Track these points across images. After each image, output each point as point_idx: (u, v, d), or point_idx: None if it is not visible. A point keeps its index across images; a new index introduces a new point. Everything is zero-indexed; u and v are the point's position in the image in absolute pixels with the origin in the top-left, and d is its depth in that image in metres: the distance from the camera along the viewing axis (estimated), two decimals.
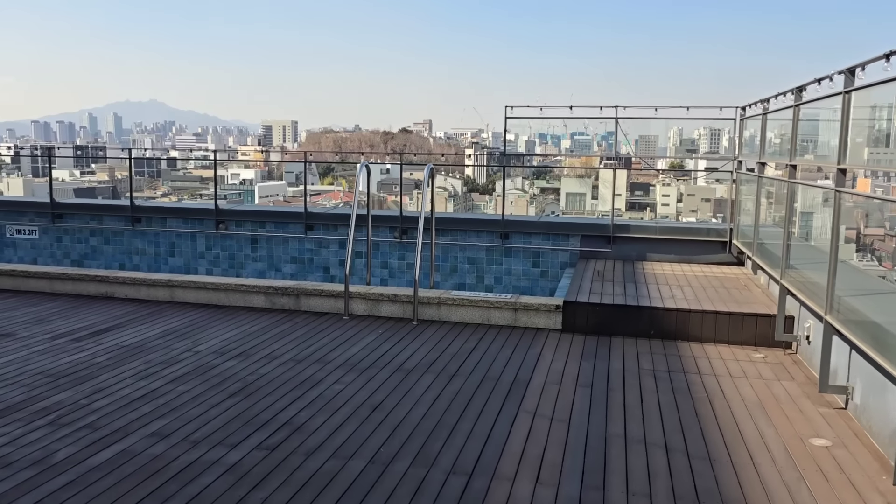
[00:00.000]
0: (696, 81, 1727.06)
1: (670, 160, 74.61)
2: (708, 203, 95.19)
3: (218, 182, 55.51)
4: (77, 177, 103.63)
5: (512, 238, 9.71)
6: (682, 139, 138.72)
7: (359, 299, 7.37)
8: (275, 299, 7.61)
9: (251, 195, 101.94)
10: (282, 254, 10.56)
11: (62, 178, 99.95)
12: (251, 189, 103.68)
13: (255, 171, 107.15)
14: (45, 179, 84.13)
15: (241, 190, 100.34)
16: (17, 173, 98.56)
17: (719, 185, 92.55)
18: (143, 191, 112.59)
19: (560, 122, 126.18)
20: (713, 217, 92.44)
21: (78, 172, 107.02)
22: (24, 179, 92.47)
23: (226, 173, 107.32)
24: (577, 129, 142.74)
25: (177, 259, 10.93)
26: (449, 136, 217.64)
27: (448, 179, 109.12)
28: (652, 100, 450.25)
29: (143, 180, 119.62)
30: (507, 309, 7.00)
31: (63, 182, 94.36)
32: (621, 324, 6.71)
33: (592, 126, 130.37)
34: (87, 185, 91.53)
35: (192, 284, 7.79)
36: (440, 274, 10.00)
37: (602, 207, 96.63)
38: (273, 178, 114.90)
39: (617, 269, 8.64)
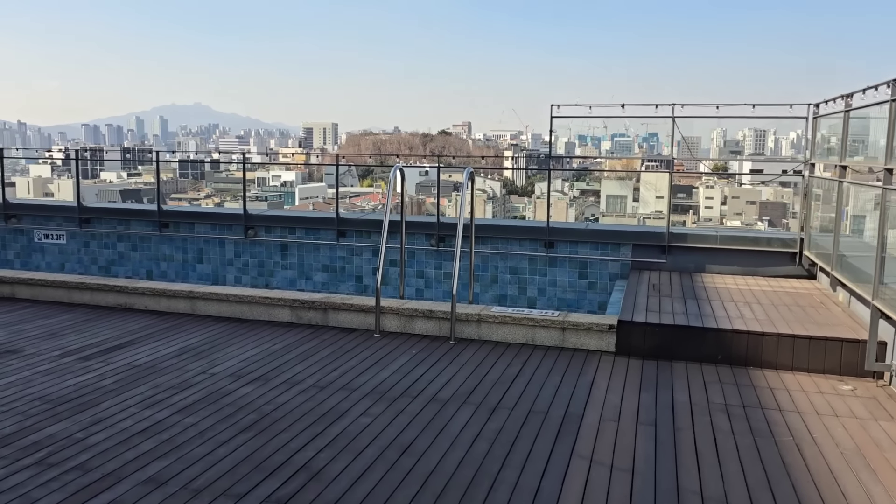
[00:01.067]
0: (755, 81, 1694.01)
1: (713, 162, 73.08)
2: (753, 206, 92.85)
3: (259, 184, 55.98)
4: (124, 178, 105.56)
5: (557, 247, 9.01)
6: (726, 140, 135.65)
7: (391, 315, 6.76)
8: (301, 313, 7.04)
9: (292, 197, 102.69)
10: (312, 262, 10.03)
11: (109, 180, 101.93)
12: (292, 191, 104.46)
13: (296, 172, 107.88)
14: (95, 181, 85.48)
15: (281, 192, 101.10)
16: (68, 175, 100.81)
17: (765, 187, 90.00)
18: (187, 192, 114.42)
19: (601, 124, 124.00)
20: (759, 220, 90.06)
21: (125, 174, 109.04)
22: (73, 181, 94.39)
23: (267, 175, 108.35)
24: (617, 130, 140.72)
25: (205, 266, 10.48)
26: (488, 138, 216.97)
27: (487, 181, 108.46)
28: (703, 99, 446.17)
29: (186, 182, 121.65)
30: (555, 328, 6.32)
31: (110, 184, 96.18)
32: (684, 347, 5.97)
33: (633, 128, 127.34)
34: (132, 187, 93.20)
35: (214, 296, 7.27)
36: (479, 285, 9.35)
37: (643, 210, 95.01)
38: (313, 180, 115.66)
39: (674, 283, 7.88)
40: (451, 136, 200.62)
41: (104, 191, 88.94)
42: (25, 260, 11.31)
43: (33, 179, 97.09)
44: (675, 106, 8.22)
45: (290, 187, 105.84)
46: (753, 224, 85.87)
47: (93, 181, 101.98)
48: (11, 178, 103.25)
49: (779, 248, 8.35)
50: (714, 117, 8.17)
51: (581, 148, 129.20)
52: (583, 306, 8.99)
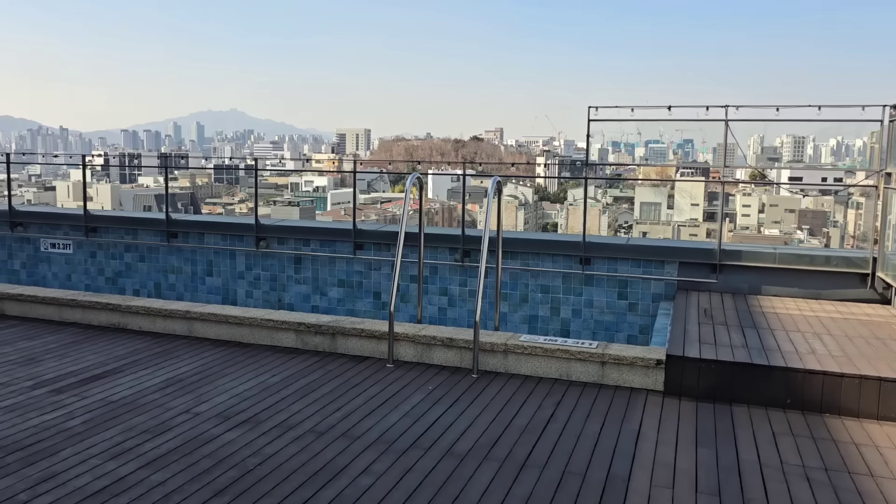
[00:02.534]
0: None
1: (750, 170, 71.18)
2: (792, 214, 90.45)
3: (292, 189, 55.83)
4: (160, 183, 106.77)
5: (594, 263, 8.16)
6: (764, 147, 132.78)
7: (406, 342, 5.99)
8: (307, 338, 6.30)
9: (324, 202, 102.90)
10: (328, 276, 9.31)
11: (146, 185, 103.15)
12: (324, 196, 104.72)
13: (329, 178, 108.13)
14: (132, 186, 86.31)
15: (313, 197, 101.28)
16: (106, 179, 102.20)
17: (805, 195, 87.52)
18: (222, 196, 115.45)
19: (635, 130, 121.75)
20: (798, 229, 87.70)
21: (162, 179, 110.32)
22: (111, 186, 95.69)
23: (300, 180, 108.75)
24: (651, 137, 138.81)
25: (214, 279, 9.83)
26: (520, 144, 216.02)
27: (518, 188, 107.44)
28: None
29: (221, 187, 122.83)
30: (592, 361, 5.48)
31: (147, 188, 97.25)
32: (746, 388, 5.09)
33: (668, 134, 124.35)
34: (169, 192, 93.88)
35: (213, 317, 6.58)
36: (508, 304, 8.53)
37: (678, 217, 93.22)
38: (346, 185, 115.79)
39: (727, 307, 6.98)
40: (482, 142, 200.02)
41: (140, 195, 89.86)
42: (32, 270, 10.79)
43: (73, 184, 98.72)
44: (728, 108, 7.33)
45: (322, 192, 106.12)
46: (793, 233, 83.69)
47: (130, 185, 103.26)
48: (52, 182, 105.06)
49: (847, 269, 7.40)
50: (773, 120, 7.27)
51: (615, 154, 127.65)
52: (622, 330, 8.13)
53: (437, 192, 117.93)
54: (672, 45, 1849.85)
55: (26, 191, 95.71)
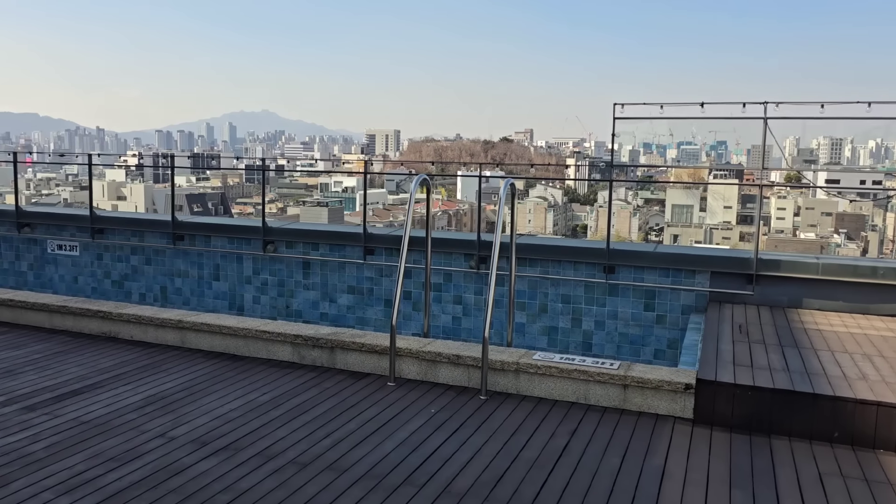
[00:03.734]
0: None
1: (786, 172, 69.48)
2: (829, 217, 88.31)
3: (322, 189, 55.71)
4: (193, 182, 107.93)
5: (619, 272, 7.60)
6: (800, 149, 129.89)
7: (409, 358, 5.50)
8: (304, 352, 5.85)
9: (352, 202, 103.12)
10: (337, 282, 8.86)
11: (179, 184, 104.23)
12: (353, 197, 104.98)
13: (357, 178, 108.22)
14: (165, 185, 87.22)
15: (342, 197, 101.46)
16: (140, 179, 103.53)
17: (841, 198, 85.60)
18: (252, 196, 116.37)
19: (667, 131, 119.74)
20: (835, 232, 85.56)
21: (194, 179, 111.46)
22: (145, 185, 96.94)
23: (329, 181, 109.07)
24: (684, 138, 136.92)
25: (221, 284, 9.45)
26: (550, 146, 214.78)
27: (548, 189, 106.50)
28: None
29: (252, 187, 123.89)
30: (613, 384, 4.94)
31: (179, 188, 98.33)
32: (786, 418, 4.51)
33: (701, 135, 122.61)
34: (199, 191, 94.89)
35: (206, 328, 6.15)
36: (526, 314, 8.00)
37: (710, 220, 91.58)
38: (374, 186, 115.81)
39: (765, 322, 6.38)
40: (512, 143, 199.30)
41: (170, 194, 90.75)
42: (38, 272, 10.52)
43: (108, 183, 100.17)
44: (767, 104, 6.73)
45: (351, 193, 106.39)
46: (829, 236, 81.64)
47: (163, 185, 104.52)
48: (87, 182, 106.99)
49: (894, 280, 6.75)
50: (817, 118, 6.65)
51: (646, 156, 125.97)
52: (649, 344, 7.55)
53: (465, 193, 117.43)
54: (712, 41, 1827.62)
55: (63, 189, 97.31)
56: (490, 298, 5.20)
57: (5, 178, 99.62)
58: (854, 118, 6.64)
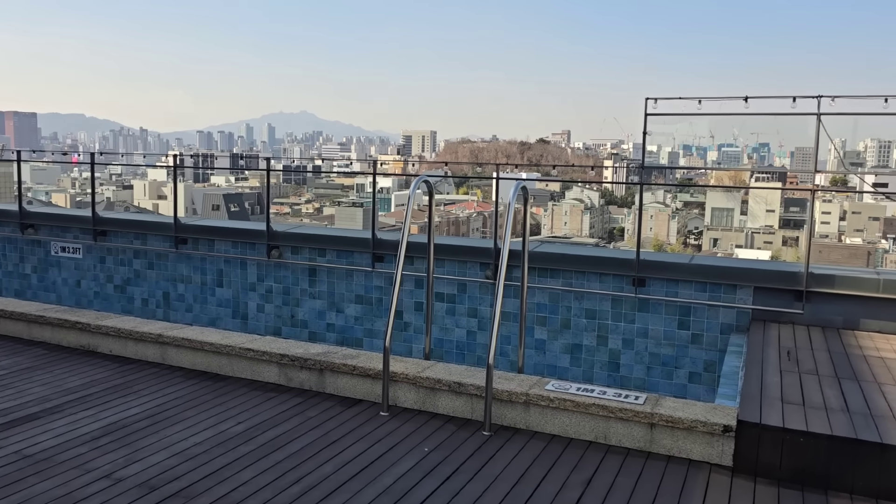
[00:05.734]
0: None
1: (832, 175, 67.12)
2: (876, 222, 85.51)
3: (358, 190, 55.15)
4: (232, 182, 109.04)
5: (650, 285, 6.85)
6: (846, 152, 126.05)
7: (406, 385, 4.84)
8: (291, 373, 5.23)
9: (388, 203, 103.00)
10: (344, 290, 8.25)
11: (218, 184, 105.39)
12: (388, 197, 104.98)
13: (393, 179, 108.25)
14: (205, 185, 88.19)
15: (379, 198, 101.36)
16: (181, 179, 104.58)
17: (890, 202, 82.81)
18: (289, 197, 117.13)
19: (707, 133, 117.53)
20: (882, 238, 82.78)
21: (233, 179, 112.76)
22: (184, 185, 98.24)
23: (365, 182, 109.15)
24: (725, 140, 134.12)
25: (225, 290, 8.92)
26: (587, 147, 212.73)
27: (585, 191, 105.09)
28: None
29: (289, 187, 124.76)
30: (638, 422, 4.22)
31: (218, 187, 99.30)
32: (847, 472, 3.75)
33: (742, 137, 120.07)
34: (236, 191, 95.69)
35: (188, 343, 5.58)
36: (546, 330, 7.29)
37: (752, 224, 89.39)
38: (409, 188, 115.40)
39: (817, 347, 5.58)
40: (549, 145, 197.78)
41: (209, 194, 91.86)
42: (42, 275, 10.13)
43: (149, 183, 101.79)
44: (821, 99, 5.93)
45: (386, 194, 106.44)
46: (877, 242, 78.95)
47: (203, 185, 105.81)
48: (130, 181, 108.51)
49: None
50: (878, 114, 5.82)
51: (685, 158, 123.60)
52: (683, 366, 6.78)
53: (502, 194, 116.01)
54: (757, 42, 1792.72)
55: (106, 189, 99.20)
56: (496, 317, 4.52)
57: (52, 177, 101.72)
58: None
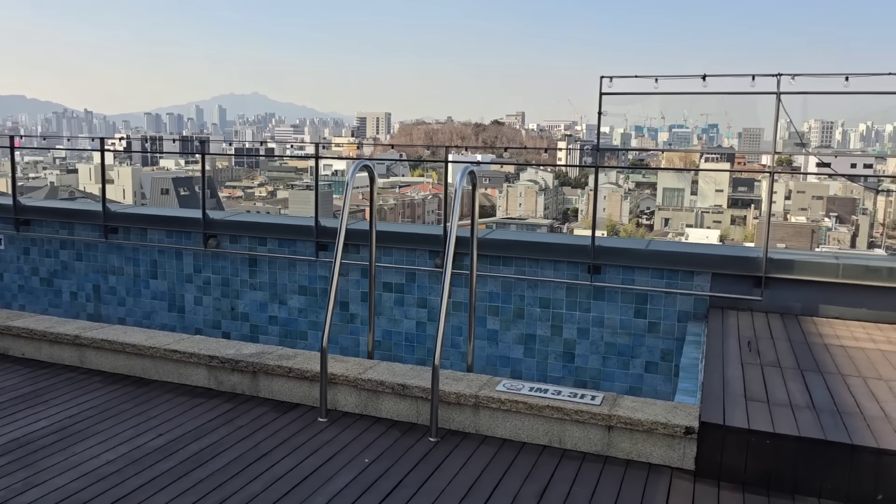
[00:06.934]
0: None
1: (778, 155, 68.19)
2: (820, 201, 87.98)
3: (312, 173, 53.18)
4: (182, 166, 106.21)
5: (605, 272, 6.58)
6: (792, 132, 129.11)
7: (346, 387, 4.47)
8: (222, 376, 4.81)
9: (342, 186, 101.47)
10: (287, 281, 7.81)
11: (168, 168, 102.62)
12: (343, 180, 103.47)
13: (348, 162, 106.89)
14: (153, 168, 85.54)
15: (332, 181, 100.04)
16: (128, 162, 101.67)
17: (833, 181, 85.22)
18: (241, 180, 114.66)
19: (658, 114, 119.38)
20: (825, 216, 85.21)
21: (183, 162, 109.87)
22: (132, 168, 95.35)
23: (319, 164, 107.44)
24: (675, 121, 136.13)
25: (159, 282, 8.38)
26: (542, 129, 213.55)
27: (539, 172, 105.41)
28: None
29: (241, 170, 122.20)
30: (595, 425, 3.93)
31: (167, 171, 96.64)
32: (815, 474, 3.51)
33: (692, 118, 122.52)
34: (186, 175, 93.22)
35: (108, 345, 5.10)
36: (499, 320, 6.98)
37: (701, 203, 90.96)
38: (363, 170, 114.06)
39: (777, 336, 5.38)
40: (503, 126, 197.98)
41: (157, 178, 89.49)
42: None
43: (94, 167, 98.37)
44: (780, 77, 5.69)
45: (340, 177, 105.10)
46: (820, 220, 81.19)
47: (152, 168, 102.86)
48: (75, 165, 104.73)
49: None
50: (839, 93, 5.61)
51: (637, 139, 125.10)
52: (639, 355, 6.55)
53: (455, 176, 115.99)
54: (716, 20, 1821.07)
55: (50, 173, 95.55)
56: (442, 313, 4.16)
57: None
58: (884, 93, 5.60)
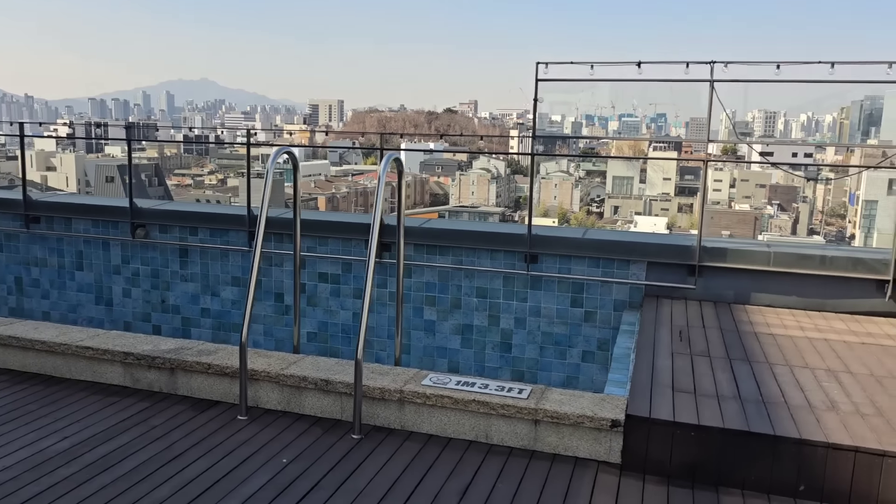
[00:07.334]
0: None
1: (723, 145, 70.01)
2: (763, 189, 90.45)
3: (263, 160, 51.01)
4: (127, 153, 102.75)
5: (543, 262, 6.51)
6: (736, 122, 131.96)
7: (268, 384, 4.29)
8: (138, 374, 4.58)
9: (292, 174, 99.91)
10: (220, 272, 7.56)
11: (113, 155, 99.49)
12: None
13: (299, 149, 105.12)
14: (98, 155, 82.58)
15: (283, 169, 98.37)
16: (72, 149, 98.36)
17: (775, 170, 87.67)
18: (191, 168, 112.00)
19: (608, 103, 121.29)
20: (768, 204, 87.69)
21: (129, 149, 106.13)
22: (76, 155, 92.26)
23: (270, 152, 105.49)
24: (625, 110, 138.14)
25: (85, 274, 8.03)
26: (494, 117, 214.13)
27: (491, 161, 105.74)
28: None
29: (190, 158, 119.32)
30: (522, 419, 3.84)
31: (113, 158, 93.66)
32: (740, 466, 3.49)
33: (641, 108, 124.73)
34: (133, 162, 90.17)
35: (15, 342, 4.82)
36: (436, 310, 6.87)
37: (650, 191, 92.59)
38: (317, 157, 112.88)
39: (709, 324, 5.38)
40: (456, 115, 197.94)
41: (102, 165, 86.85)
42: None
43: (36, 153, 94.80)
44: (714, 64, 5.67)
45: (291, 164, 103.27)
46: (763, 208, 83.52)
47: (97, 155, 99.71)
48: (15, 152, 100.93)
49: (859, 274, 5.83)
50: (771, 81, 5.62)
51: (588, 128, 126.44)
52: (576, 345, 6.51)
53: (409, 164, 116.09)
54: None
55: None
56: (366, 304, 4.02)
57: None
58: (814, 81, 5.63)
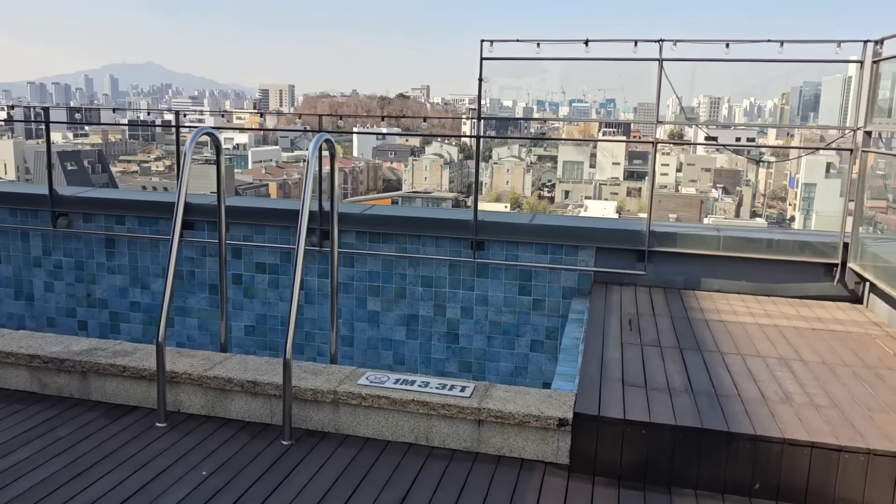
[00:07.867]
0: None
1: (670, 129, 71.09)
2: (708, 173, 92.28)
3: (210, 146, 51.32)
4: (70, 139, 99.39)
5: (489, 248, 6.27)
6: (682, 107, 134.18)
7: (191, 386, 3.95)
8: (47, 378, 4.18)
9: (244, 160, 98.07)
10: (150, 263, 7.12)
11: (55, 141, 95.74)
12: (244, 154, 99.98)
13: (250, 135, 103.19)
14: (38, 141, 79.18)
15: (233, 155, 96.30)
16: (9, 135, 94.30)
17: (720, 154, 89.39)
18: (137, 154, 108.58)
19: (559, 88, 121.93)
20: (713, 187, 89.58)
21: (71, 135, 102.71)
22: (14, 141, 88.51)
23: (220, 136, 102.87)
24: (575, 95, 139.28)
25: (3, 267, 7.49)
26: (446, 102, 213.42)
27: (444, 146, 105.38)
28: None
29: (137, 144, 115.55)
30: (464, 419, 3.59)
31: (55, 144, 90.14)
32: (692, 465, 3.31)
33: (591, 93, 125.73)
34: (73, 148, 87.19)
35: None
36: (380, 301, 6.57)
37: (600, 176, 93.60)
38: (268, 143, 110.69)
39: (659, 311, 5.21)
40: (409, 100, 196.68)
41: (41, 151, 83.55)
42: None
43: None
44: (662, 43, 5.48)
45: (242, 150, 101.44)
46: (708, 191, 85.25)
47: (36, 141, 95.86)
48: None
49: (808, 258, 5.73)
50: (720, 60, 5.45)
51: (539, 112, 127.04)
52: (524, 334, 6.30)
53: (361, 150, 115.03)
54: None
55: None
56: (294, 298, 3.70)
57: None
58: (763, 60, 5.48)
